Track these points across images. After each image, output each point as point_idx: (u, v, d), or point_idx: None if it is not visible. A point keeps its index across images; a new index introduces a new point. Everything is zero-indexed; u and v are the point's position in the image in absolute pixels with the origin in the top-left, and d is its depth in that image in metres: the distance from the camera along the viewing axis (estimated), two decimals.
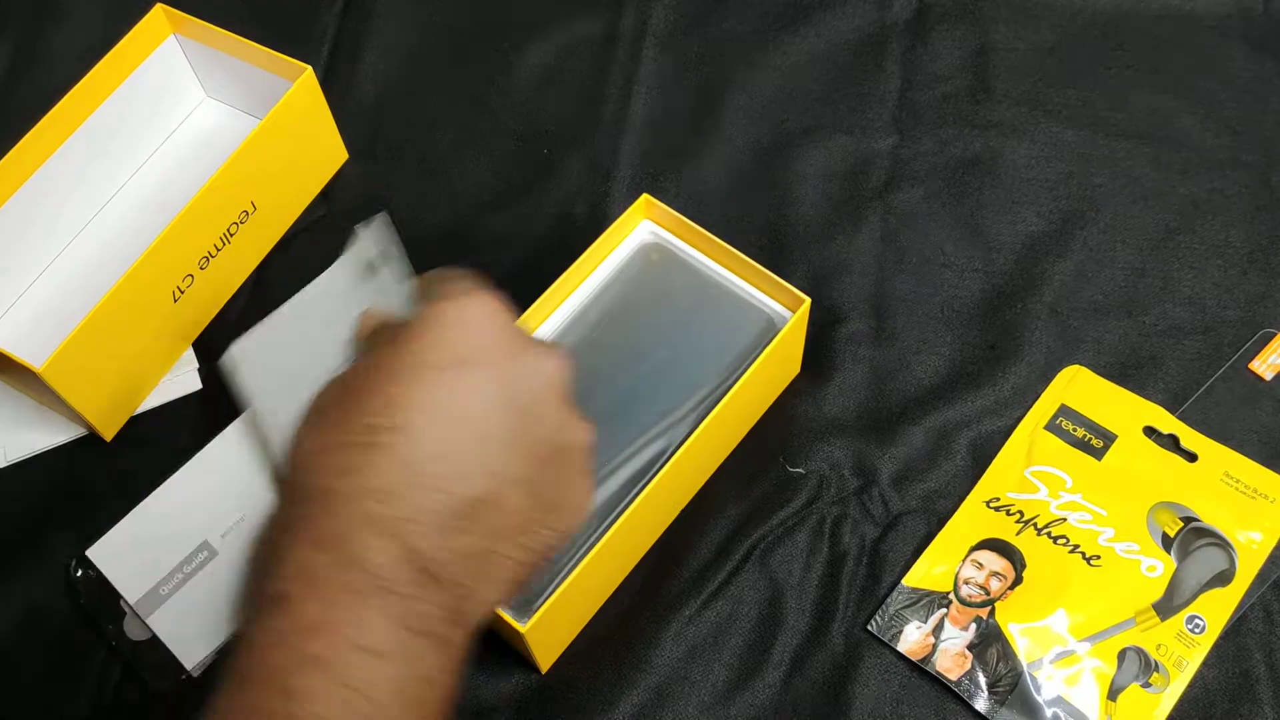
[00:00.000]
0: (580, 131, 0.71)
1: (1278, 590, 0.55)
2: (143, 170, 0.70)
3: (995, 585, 0.55)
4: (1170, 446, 0.58)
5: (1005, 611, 0.54)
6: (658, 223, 0.61)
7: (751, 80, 0.72)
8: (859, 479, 0.59)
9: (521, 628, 0.50)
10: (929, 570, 0.56)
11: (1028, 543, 0.56)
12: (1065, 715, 0.52)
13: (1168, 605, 0.54)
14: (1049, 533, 0.56)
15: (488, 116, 0.72)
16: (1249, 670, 0.53)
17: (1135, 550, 0.55)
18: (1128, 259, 0.64)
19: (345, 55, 0.75)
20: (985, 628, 0.54)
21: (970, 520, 0.57)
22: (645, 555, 0.58)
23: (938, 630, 0.54)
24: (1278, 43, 0.70)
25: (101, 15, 0.77)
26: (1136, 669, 0.53)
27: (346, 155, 0.71)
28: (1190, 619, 0.54)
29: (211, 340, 0.66)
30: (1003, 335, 0.62)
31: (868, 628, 0.55)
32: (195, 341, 0.66)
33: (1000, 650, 0.53)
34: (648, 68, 0.73)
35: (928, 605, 0.55)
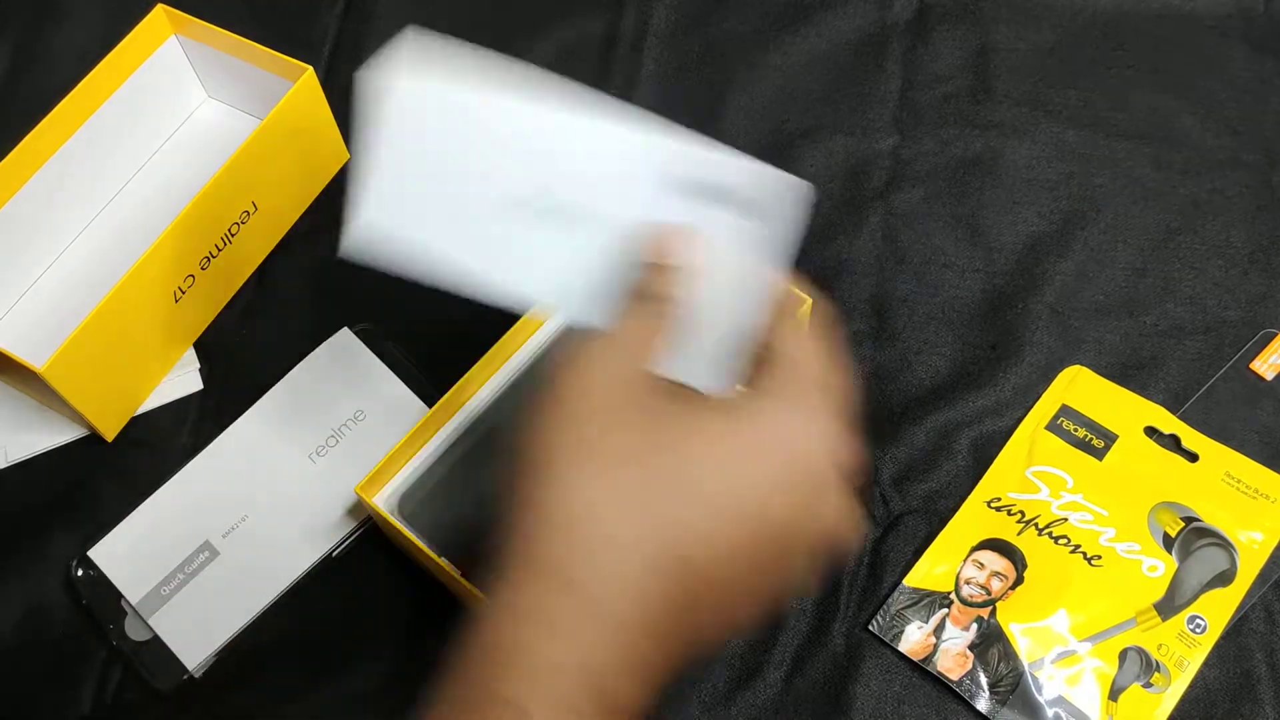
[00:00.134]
0: None
1: (1279, 590, 0.55)
2: (144, 170, 0.70)
3: (996, 585, 0.55)
4: (1171, 446, 0.58)
5: (1006, 611, 0.54)
6: None
7: (752, 80, 0.72)
8: (860, 479, 0.59)
9: None
10: (930, 570, 0.56)
11: (1029, 543, 0.56)
12: (1066, 715, 0.52)
13: (1169, 605, 0.54)
14: (1050, 533, 0.56)
15: None
16: (1250, 670, 0.53)
17: (1136, 550, 0.55)
18: (1129, 259, 0.64)
19: (346, 55, 0.75)
20: (986, 628, 0.54)
21: (971, 520, 0.57)
22: None
23: (939, 630, 0.54)
24: (1278, 43, 0.70)
25: (102, 15, 0.77)
26: (1138, 669, 0.53)
27: (348, 155, 0.71)
28: (1191, 619, 0.54)
29: (212, 340, 0.66)
30: (1004, 335, 0.62)
31: (869, 628, 0.55)
32: (196, 342, 0.66)
33: (1001, 650, 0.53)
34: (648, 68, 0.73)
35: (929, 605, 0.55)
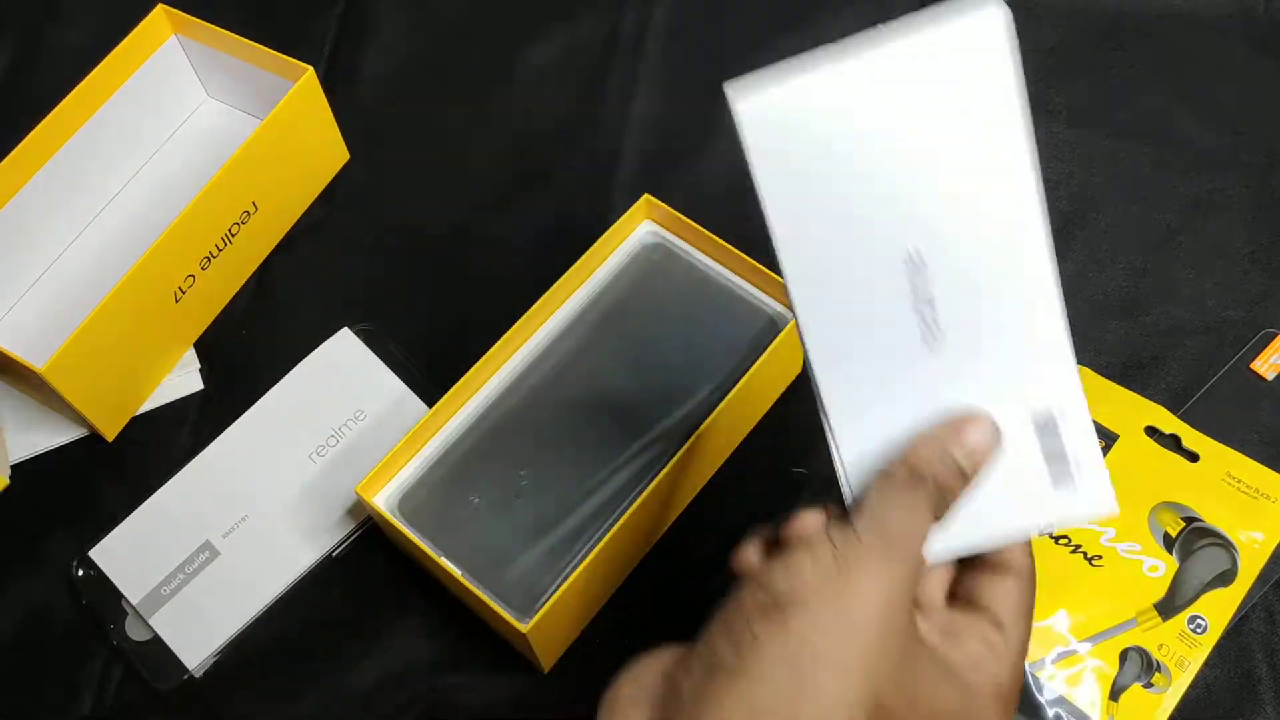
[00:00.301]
0: (581, 131, 0.71)
1: (1279, 590, 0.55)
2: (144, 170, 0.70)
3: None
4: (1172, 446, 0.58)
5: None
6: (659, 223, 0.61)
7: None
8: None
9: (523, 628, 0.50)
10: None
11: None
12: (1067, 715, 0.52)
13: (1169, 605, 0.54)
14: (1050, 533, 0.56)
15: (489, 117, 0.72)
16: (1251, 670, 0.53)
17: (1137, 550, 0.55)
18: (1129, 259, 0.64)
19: (346, 55, 0.75)
20: None
21: None
22: (647, 555, 0.58)
23: None
24: (1278, 43, 0.70)
25: (103, 16, 0.77)
26: (1138, 669, 0.53)
27: (348, 155, 0.71)
28: (1192, 619, 0.54)
29: (212, 340, 0.66)
30: None
31: None
32: (196, 342, 0.66)
33: None
34: (649, 67, 0.73)
35: None
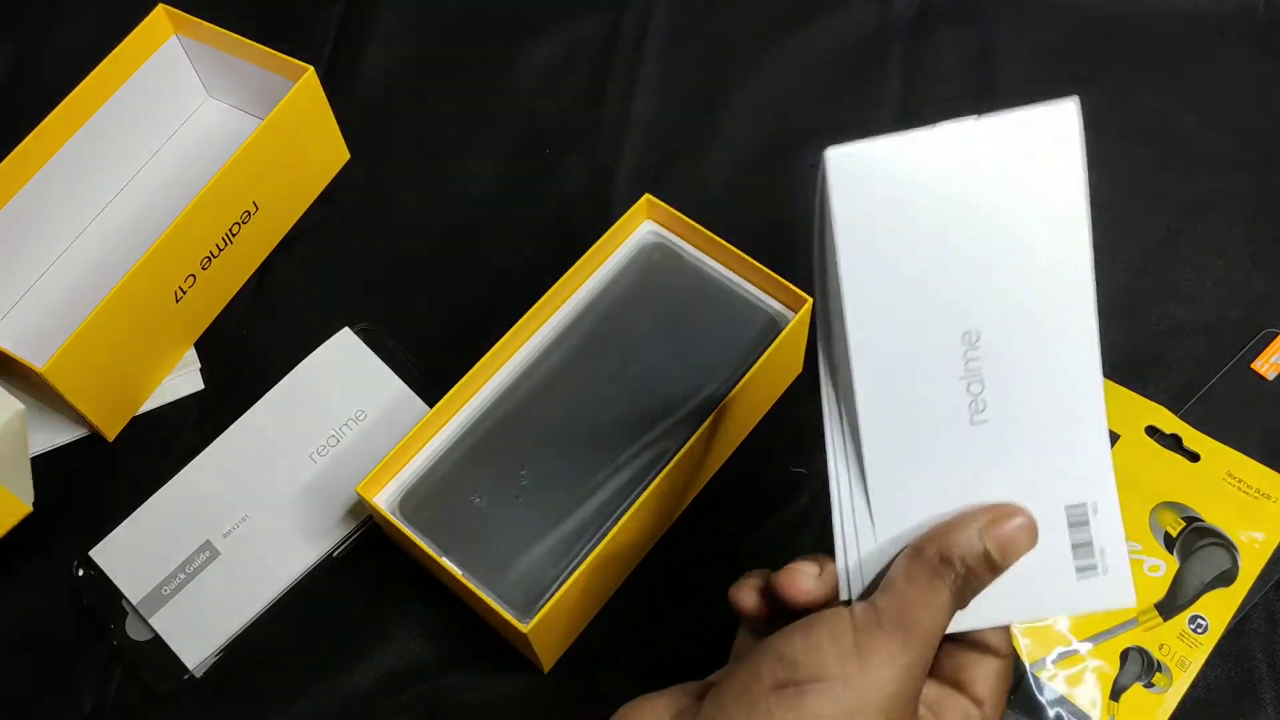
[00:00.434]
0: (582, 131, 0.71)
1: None
2: (145, 170, 0.70)
3: None
4: (1172, 446, 0.58)
5: None
6: (659, 222, 0.61)
7: (753, 80, 0.72)
8: None
9: (524, 628, 0.50)
10: None
11: None
12: (1068, 715, 0.52)
13: (1170, 605, 0.54)
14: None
15: (489, 116, 0.72)
16: (1252, 670, 0.53)
17: (1138, 550, 0.55)
18: (1129, 259, 0.64)
19: (347, 55, 0.75)
20: None
21: None
22: (647, 555, 0.58)
23: None
24: (1278, 43, 0.70)
25: (103, 15, 0.77)
26: (1139, 669, 0.53)
27: (348, 155, 0.71)
28: (1193, 619, 0.54)
29: (213, 340, 0.66)
30: None
31: None
32: (197, 341, 0.66)
33: None
34: (649, 67, 0.73)
35: None
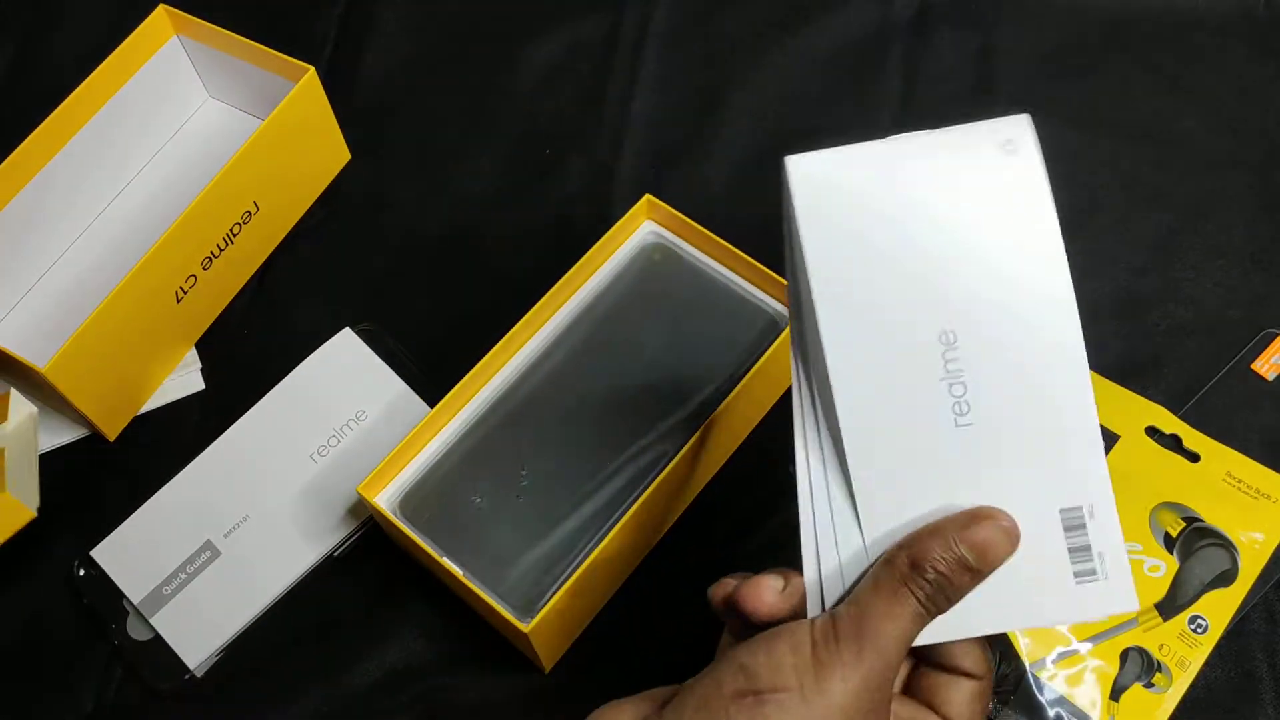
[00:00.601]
0: (582, 131, 0.71)
1: None
2: (146, 171, 0.70)
3: None
4: (1172, 447, 0.58)
5: None
6: (660, 223, 0.61)
7: (753, 80, 0.72)
8: None
9: (524, 628, 0.50)
10: None
11: None
12: (1068, 715, 0.52)
13: (1170, 605, 0.54)
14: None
15: (490, 116, 0.72)
16: (1251, 670, 0.53)
17: (1138, 550, 0.55)
18: (1129, 259, 0.64)
19: (347, 56, 0.75)
20: None
21: None
22: (647, 556, 0.58)
23: None
24: (1278, 43, 0.71)
25: (104, 16, 0.77)
26: (1139, 669, 0.53)
27: (349, 155, 0.71)
28: (1193, 619, 0.54)
29: (214, 340, 0.66)
30: None
31: None
32: (198, 341, 0.66)
33: (1003, 650, 0.53)
34: (649, 68, 0.73)
35: None
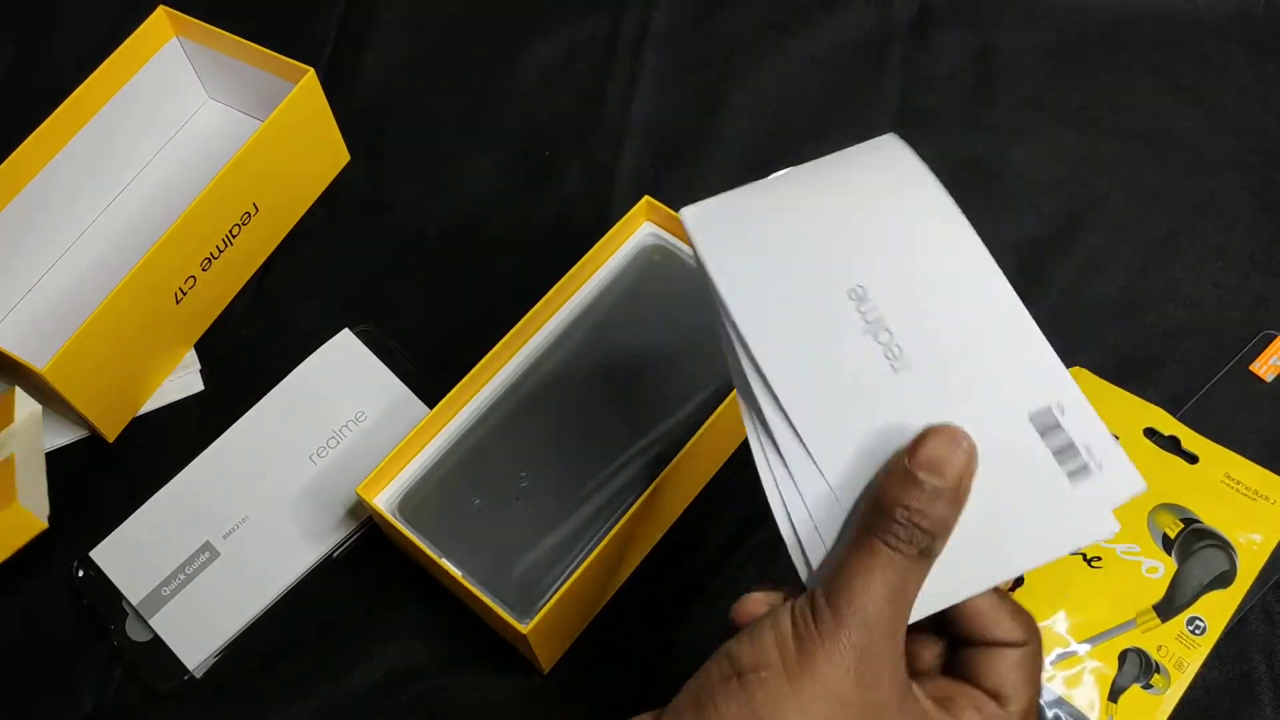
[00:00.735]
0: (582, 132, 0.71)
1: (1278, 592, 0.55)
2: (145, 172, 0.70)
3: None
4: (1171, 448, 0.58)
5: None
6: (659, 224, 0.61)
7: (753, 81, 0.72)
8: None
9: (523, 628, 0.50)
10: None
11: None
12: (1066, 716, 0.52)
13: (1168, 606, 0.54)
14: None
15: (489, 117, 0.72)
16: (1250, 671, 0.53)
17: (1136, 552, 0.55)
18: (1129, 260, 0.64)
19: (347, 57, 0.75)
20: None
21: None
22: (647, 556, 0.58)
23: None
24: (1278, 43, 0.70)
25: (104, 17, 0.78)
26: (1137, 670, 0.53)
27: (348, 156, 0.71)
28: (1191, 620, 0.54)
29: (213, 341, 0.66)
30: None
31: None
32: (197, 342, 0.66)
33: None
34: (649, 69, 0.73)
35: None
